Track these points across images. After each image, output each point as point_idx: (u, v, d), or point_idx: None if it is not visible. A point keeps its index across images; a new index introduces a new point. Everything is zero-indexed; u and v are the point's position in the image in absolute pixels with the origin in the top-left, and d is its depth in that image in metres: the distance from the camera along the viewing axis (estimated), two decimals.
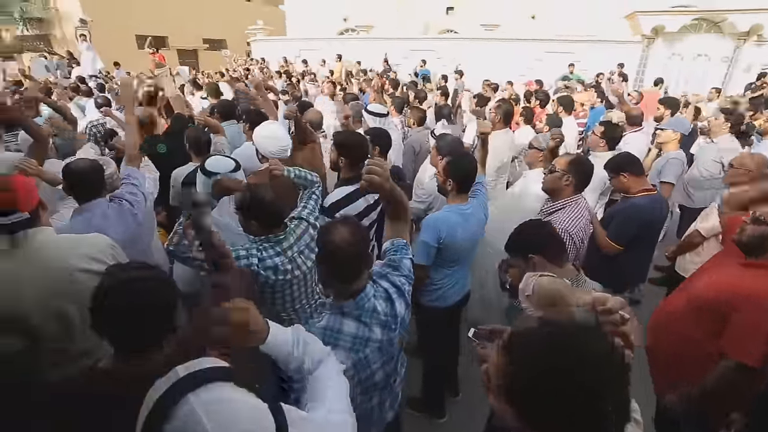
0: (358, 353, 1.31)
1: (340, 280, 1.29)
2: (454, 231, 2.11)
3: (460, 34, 13.50)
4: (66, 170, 1.94)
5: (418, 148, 3.88)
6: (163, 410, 0.60)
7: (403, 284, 1.45)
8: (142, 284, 1.08)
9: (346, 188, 2.23)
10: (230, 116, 3.74)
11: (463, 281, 2.40)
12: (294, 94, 5.30)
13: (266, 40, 14.24)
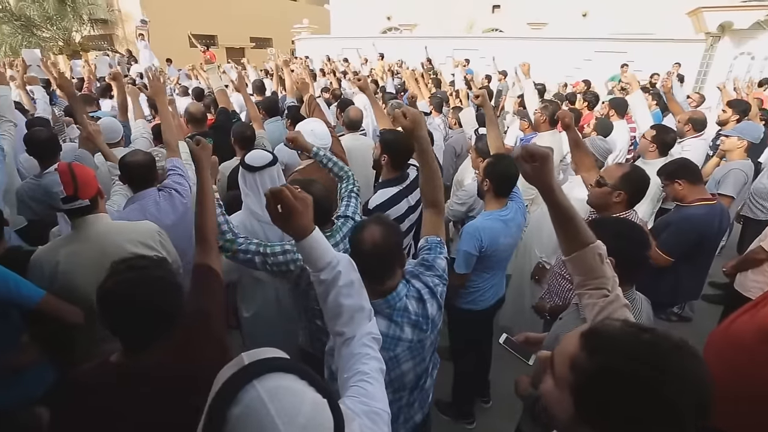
0: (389, 352, 1.30)
1: (370, 277, 1.28)
2: (496, 239, 2.08)
3: (505, 33, 13.18)
4: (123, 162, 2.08)
5: (459, 149, 3.83)
6: (228, 394, 0.61)
7: (436, 285, 1.42)
8: (142, 287, 1.06)
9: (389, 190, 2.23)
10: (275, 112, 3.85)
11: (499, 285, 2.36)
12: (334, 92, 5.36)
13: (310, 38, 14.53)
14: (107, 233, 1.63)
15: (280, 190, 0.99)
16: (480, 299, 2.26)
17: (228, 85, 4.53)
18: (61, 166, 1.58)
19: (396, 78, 7.07)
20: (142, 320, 1.06)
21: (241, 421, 0.59)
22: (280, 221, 1.01)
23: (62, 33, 17.01)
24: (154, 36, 12.61)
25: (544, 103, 3.52)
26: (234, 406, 0.60)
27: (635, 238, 1.46)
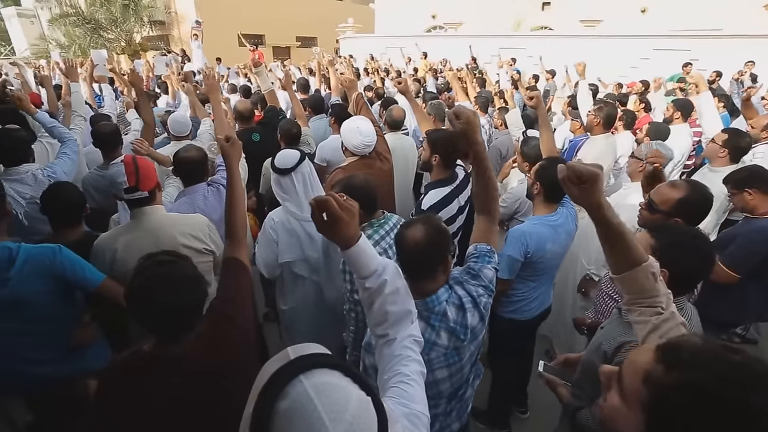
0: (423, 355, 1.25)
1: (411, 277, 1.25)
2: (543, 245, 1.99)
3: (555, 30, 12.69)
4: (177, 156, 2.18)
5: (505, 151, 3.71)
6: (276, 388, 0.62)
7: (480, 295, 1.36)
8: (164, 285, 1.09)
9: (441, 190, 2.20)
10: (320, 110, 3.90)
11: (546, 295, 2.27)
12: (377, 90, 5.37)
13: (354, 37, 14.66)
14: (161, 224, 1.71)
15: (325, 199, 0.95)
16: (524, 309, 2.18)
17: (274, 83, 4.65)
18: (127, 158, 1.69)
19: (439, 77, 6.98)
20: (166, 316, 1.10)
21: (289, 415, 0.59)
22: (326, 231, 0.98)
23: (125, 34, 18.23)
24: (206, 36, 13.18)
25: (598, 104, 3.33)
26: (281, 399, 0.60)
27: (697, 250, 1.32)
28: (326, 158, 3.04)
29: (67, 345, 1.64)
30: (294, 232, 1.99)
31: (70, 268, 1.53)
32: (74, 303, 1.65)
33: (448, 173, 2.25)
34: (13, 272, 1.45)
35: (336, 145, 2.97)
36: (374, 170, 2.51)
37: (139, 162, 1.67)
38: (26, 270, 1.48)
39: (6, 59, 17.29)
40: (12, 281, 1.45)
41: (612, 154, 3.16)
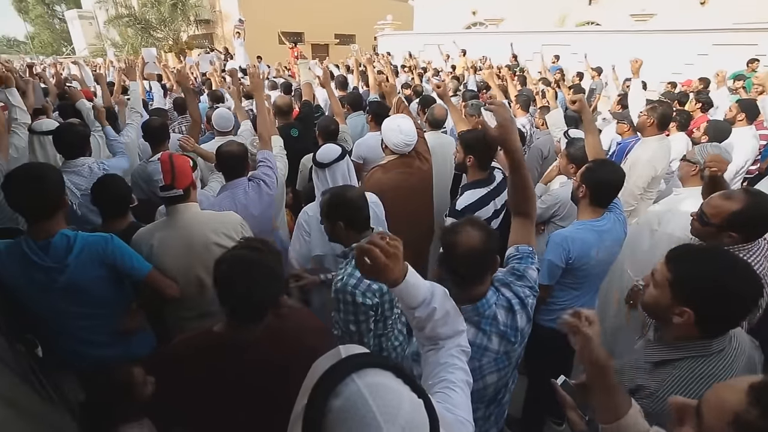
0: (474, 361, 1.25)
1: (460, 283, 1.24)
2: (587, 251, 1.89)
3: (603, 26, 12.11)
4: (219, 151, 2.23)
5: (546, 152, 3.57)
6: (329, 385, 0.62)
7: (527, 296, 1.36)
8: (256, 267, 1.16)
9: (477, 191, 2.16)
10: (358, 107, 3.91)
11: (588, 306, 2.15)
12: (416, 88, 5.31)
13: (392, 34, 14.62)
14: (194, 222, 1.76)
15: (368, 248, 0.93)
16: None
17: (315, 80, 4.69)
18: (163, 156, 1.73)
19: (478, 75, 6.81)
20: (243, 303, 1.15)
21: (343, 414, 0.59)
22: (372, 275, 0.96)
23: (172, 33, 19.09)
24: (247, 34, 13.54)
25: (652, 103, 3.12)
26: (334, 398, 0.60)
27: (732, 285, 1.05)
28: (363, 155, 3.03)
29: (115, 330, 1.72)
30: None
31: (120, 256, 1.60)
32: (124, 290, 1.72)
33: (484, 174, 2.21)
34: (71, 259, 1.53)
35: (373, 142, 2.95)
36: (413, 169, 2.48)
37: (175, 160, 1.71)
38: (82, 257, 1.55)
39: (67, 58, 18.55)
40: (70, 267, 1.53)
41: (665, 158, 2.95)
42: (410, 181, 2.47)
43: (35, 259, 1.51)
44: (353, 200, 1.57)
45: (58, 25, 36.61)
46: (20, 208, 1.55)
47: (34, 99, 3.99)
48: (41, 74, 5.75)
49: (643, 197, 2.93)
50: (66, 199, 1.63)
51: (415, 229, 2.54)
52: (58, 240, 1.53)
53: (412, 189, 2.49)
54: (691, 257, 1.14)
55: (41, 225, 1.53)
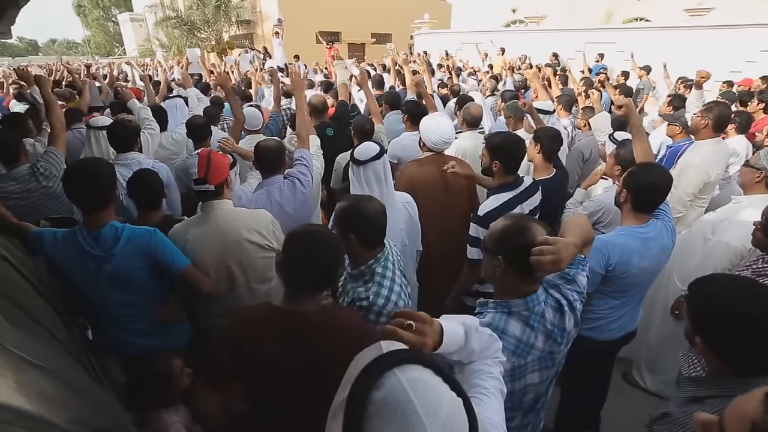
0: (519, 359, 1.24)
1: (519, 273, 1.21)
2: (628, 258, 1.79)
3: (653, 22, 11.49)
4: (256, 148, 2.29)
5: (588, 155, 3.43)
6: (371, 379, 0.63)
7: (575, 300, 1.31)
8: (318, 239, 1.25)
9: (502, 195, 2.09)
10: (396, 106, 3.89)
11: (630, 317, 2.04)
12: (453, 87, 5.24)
13: (429, 33, 14.50)
14: (228, 219, 1.80)
15: (392, 331, 0.86)
16: (604, 328, 1.98)
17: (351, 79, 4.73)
18: (203, 152, 1.79)
19: (516, 74, 6.63)
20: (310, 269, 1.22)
21: (384, 406, 0.60)
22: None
23: (215, 34, 19.81)
24: (286, 33, 13.84)
25: (708, 104, 2.93)
26: (376, 390, 0.62)
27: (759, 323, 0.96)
28: (397, 155, 3.02)
29: (154, 320, 1.79)
30: None
31: (161, 250, 1.66)
32: (163, 283, 1.79)
33: (510, 179, 2.13)
34: (117, 249, 1.61)
35: (408, 142, 2.94)
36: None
37: (212, 157, 1.76)
38: (128, 248, 1.62)
39: (120, 59, 19.67)
40: (116, 257, 1.61)
41: (720, 163, 2.76)
42: (445, 180, 2.44)
43: (87, 248, 1.60)
44: (371, 214, 1.50)
45: (111, 27, 39.02)
46: (76, 199, 1.65)
47: (90, 98, 4.27)
48: (95, 75, 6.12)
49: (693, 204, 2.75)
50: (117, 192, 1.71)
51: (449, 228, 2.50)
52: (108, 230, 1.61)
53: (447, 187, 2.45)
54: (710, 286, 1.10)
55: (94, 216, 1.62)
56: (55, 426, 0.60)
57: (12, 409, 0.57)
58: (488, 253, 1.30)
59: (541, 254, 1.09)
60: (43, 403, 0.63)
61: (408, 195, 2.20)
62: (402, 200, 2.16)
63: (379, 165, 2.00)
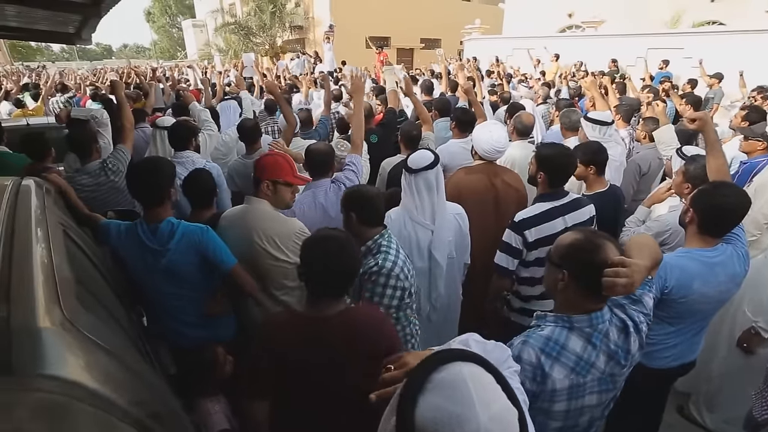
0: (578, 377, 1.19)
1: (584, 289, 1.17)
2: (688, 283, 1.66)
3: (728, 26, 10.64)
4: (307, 150, 2.34)
5: (646, 168, 3.21)
6: (434, 363, 0.66)
7: (641, 322, 1.26)
8: (334, 243, 1.28)
9: (543, 204, 2.00)
10: (446, 113, 3.85)
11: (688, 346, 1.88)
12: (503, 95, 5.11)
13: (479, 38, 14.29)
14: (252, 218, 1.86)
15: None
16: (657, 356, 1.84)
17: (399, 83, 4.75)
18: (271, 151, 1.89)
19: (571, 82, 6.37)
20: (330, 275, 1.26)
21: (442, 384, 0.63)
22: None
23: (269, 39, 20.63)
24: (336, 38, 14.16)
25: None
26: (438, 372, 0.65)
27: None
28: (444, 163, 2.95)
29: (202, 313, 1.87)
30: (406, 234, 2.02)
31: (212, 247, 1.72)
32: (212, 278, 1.85)
33: (553, 190, 2.03)
34: (172, 244, 1.69)
35: (455, 150, 2.90)
36: (500, 178, 2.39)
37: (266, 157, 1.86)
38: (182, 244, 1.70)
39: (183, 62, 20.99)
40: (170, 251, 1.69)
41: None
42: (494, 189, 2.38)
43: (146, 241, 1.69)
44: (370, 197, 1.75)
45: (175, 33, 41.94)
46: (137, 195, 1.77)
47: (155, 99, 4.59)
48: (160, 77, 6.60)
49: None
50: (175, 190, 1.80)
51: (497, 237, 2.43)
52: (164, 225, 1.70)
53: (496, 196, 2.39)
54: None
55: (153, 211, 1.72)
56: (117, 407, 0.63)
57: (83, 387, 0.60)
58: (552, 265, 1.26)
59: (616, 276, 1.06)
60: (109, 384, 0.67)
61: (459, 206, 2.16)
62: (453, 211, 2.13)
63: (432, 174, 1.98)
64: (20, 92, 6.89)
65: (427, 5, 21.88)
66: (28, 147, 2.61)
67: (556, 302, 1.30)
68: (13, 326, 0.67)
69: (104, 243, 1.76)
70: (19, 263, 0.85)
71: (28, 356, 0.62)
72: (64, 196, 1.73)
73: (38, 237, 1.01)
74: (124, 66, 14.09)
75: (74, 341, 0.72)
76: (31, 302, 0.75)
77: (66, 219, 1.49)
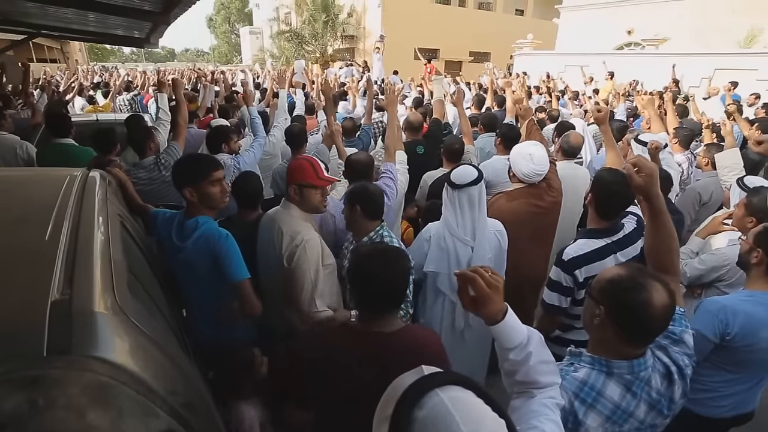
0: (615, 426, 1.11)
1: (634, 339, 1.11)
2: (755, 330, 1.52)
3: None
4: (349, 159, 2.40)
5: (707, 197, 3.00)
6: (413, 398, 0.66)
7: (686, 366, 1.17)
8: (381, 257, 1.25)
9: (593, 241, 1.81)
10: (492, 128, 3.81)
11: (748, 395, 1.73)
12: (551, 113, 4.96)
13: (530, 53, 14.02)
14: (279, 220, 1.84)
15: (472, 277, 0.99)
16: (711, 404, 1.70)
17: (446, 96, 4.74)
18: (306, 158, 1.88)
19: (628, 100, 6.08)
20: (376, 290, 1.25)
21: (428, 422, 0.62)
22: (471, 306, 1.02)
23: (320, 47, 21.31)
24: (385, 49, 14.37)
25: None
26: (419, 409, 0.64)
27: None
28: (487, 179, 2.90)
29: (216, 317, 1.83)
30: (445, 249, 2.01)
31: (224, 254, 1.68)
32: (226, 284, 1.77)
33: (606, 224, 1.84)
34: (189, 242, 1.71)
35: (498, 166, 2.84)
36: (541, 203, 2.30)
37: (296, 161, 1.87)
38: (198, 243, 1.71)
39: (237, 66, 22.12)
40: (187, 249, 1.72)
41: None
42: (535, 215, 2.30)
43: (173, 234, 1.76)
44: (372, 192, 1.87)
45: (233, 39, 44.40)
46: (178, 190, 1.79)
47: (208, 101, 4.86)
48: (218, 79, 7.00)
49: None
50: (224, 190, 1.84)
51: (532, 270, 2.36)
52: (191, 223, 1.74)
53: (538, 226, 2.32)
54: None
55: (189, 207, 1.78)
56: (156, 393, 0.66)
57: (127, 371, 0.63)
58: (591, 298, 1.18)
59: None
60: (150, 370, 0.70)
61: (500, 223, 2.11)
62: (493, 227, 2.08)
63: (475, 190, 1.96)
64: (93, 90, 7.50)
65: (478, 18, 21.83)
66: (96, 140, 2.80)
67: (591, 340, 1.22)
68: (74, 309, 0.72)
69: (151, 233, 1.84)
70: (83, 250, 0.92)
71: (83, 338, 0.66)
72: (122, 187, 1.83)
73: (100, 226, 1.09)
74: (185, 68, 15.05)
75: (123, 327, 0.76)
76: (90, 287, 0.80)
77: (122, 209, 1.58)
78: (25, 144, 3.31)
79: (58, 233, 0.96)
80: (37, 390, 0.50)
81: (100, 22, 4.65)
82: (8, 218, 1.08)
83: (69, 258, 0.88)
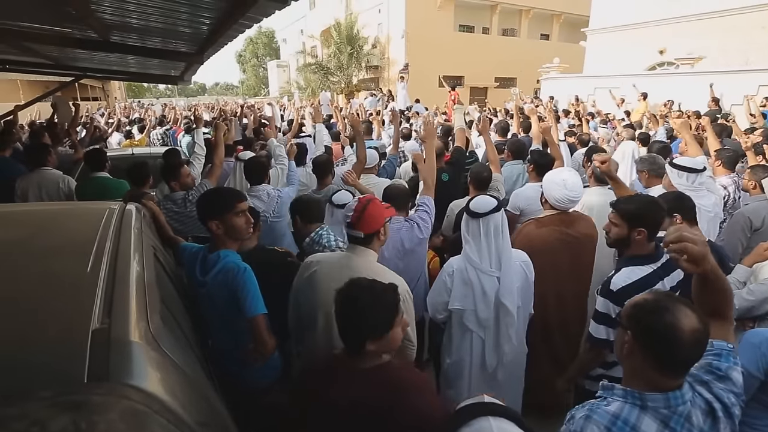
0: None
1: (660, 365, 1.03)
2: None
3: None
4: (387, 189, 2.47)
5: (759, 223, 2.79)
6: (465, 416, 0.72)
7: (732, 405, 1.07)
8: (365, 295, 1.22)
9: (640, 269, 1.74)
10: (519, 156, 3.76)
11: None
12: (581, 137, 4.86)
13: (557, 77, 13.93)
14: (360, 269, 1.65)
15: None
16: None
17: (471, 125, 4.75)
18: (362, 200, 1.75)
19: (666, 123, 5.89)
20: (354, 323, 1.23)
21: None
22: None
23: (345, 78, 22.01)
24: (410, 77, 14.63)
25: None
26: (466, 426, 0.70)
27: None
28: (521, 207, 2.86)
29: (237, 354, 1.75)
30: (469, 282, 1.95)
31: (241, 288, 1.64)
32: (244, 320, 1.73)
33: (650, 249, 1.77)
34: (209, 277, 1.70)
35: (531, 194, 2.77)
36: (573, 231, 2.21)
37: (369, 207, 1.71)
38: (217, 278, 1.68)
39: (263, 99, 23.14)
40: (208, 284, 1.71)
41: None
42: (568, 242, 2.20)
43: (198, 268, 1.76)
44: (308, 202, 2.31)
45: (261, 72, 46.83)
46: (203, 223, 1.79)
47: (234, 133, 5.09)
48: (246, 113, 7.36)
49: None
50: (249, 218, 1.82)
51: (565, 303, 2.26)
52: (213, 257, 1.73)
53: (569, 254, 2.22)
54: None
55: (214, 240, 1.78)
56: (186, 424, 0.67)
57: (160, 400, 0.65)
58: (620, 326, 1.12)
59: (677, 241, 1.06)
60: (180, 401, 0.71)
61: (524, 254, 2.04)
62: (519, 259, 2.01)
63: (498, 217, 1.92)
64: (130, 125, 8.05)
65: (503, 45, 22.02)
66: (131, 174, 2.93)
67: (624, 372, 1.15)
68: (113, 337, 0.75)
69: (181, 264, 1.87)
70: (121, 281, 0.96)
71: (120, 366, 0.70)
72: (155, 219, 1.89)
73: (135, 258, 1.14)
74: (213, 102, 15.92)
75: (156, 356, 0.79)
76: (127, 318, 0.84)
77: (156, 241, 1.63)
78: (66, 178, 3.51)
79: (99, 265, 1.01)
80: (81, 414, 0.53)
81: (139, 63, 5.03)
82: (54, 250, 1.15)
83: (108, 289, 0.93)
